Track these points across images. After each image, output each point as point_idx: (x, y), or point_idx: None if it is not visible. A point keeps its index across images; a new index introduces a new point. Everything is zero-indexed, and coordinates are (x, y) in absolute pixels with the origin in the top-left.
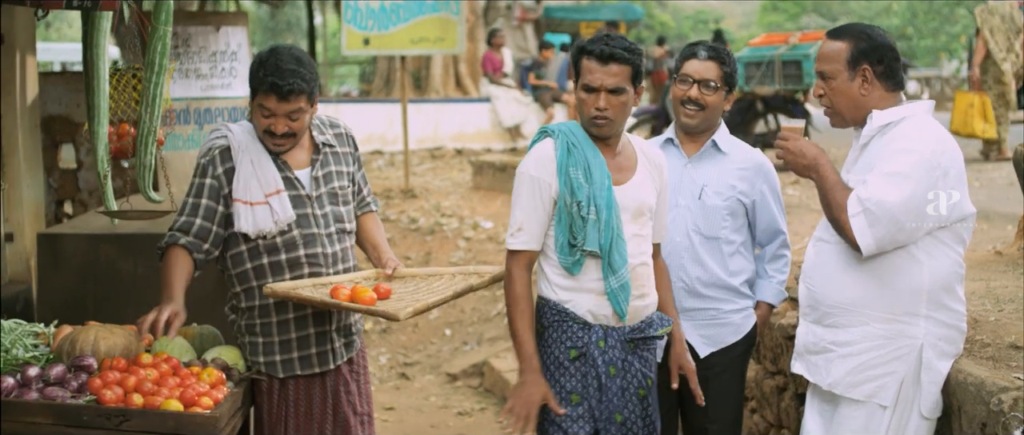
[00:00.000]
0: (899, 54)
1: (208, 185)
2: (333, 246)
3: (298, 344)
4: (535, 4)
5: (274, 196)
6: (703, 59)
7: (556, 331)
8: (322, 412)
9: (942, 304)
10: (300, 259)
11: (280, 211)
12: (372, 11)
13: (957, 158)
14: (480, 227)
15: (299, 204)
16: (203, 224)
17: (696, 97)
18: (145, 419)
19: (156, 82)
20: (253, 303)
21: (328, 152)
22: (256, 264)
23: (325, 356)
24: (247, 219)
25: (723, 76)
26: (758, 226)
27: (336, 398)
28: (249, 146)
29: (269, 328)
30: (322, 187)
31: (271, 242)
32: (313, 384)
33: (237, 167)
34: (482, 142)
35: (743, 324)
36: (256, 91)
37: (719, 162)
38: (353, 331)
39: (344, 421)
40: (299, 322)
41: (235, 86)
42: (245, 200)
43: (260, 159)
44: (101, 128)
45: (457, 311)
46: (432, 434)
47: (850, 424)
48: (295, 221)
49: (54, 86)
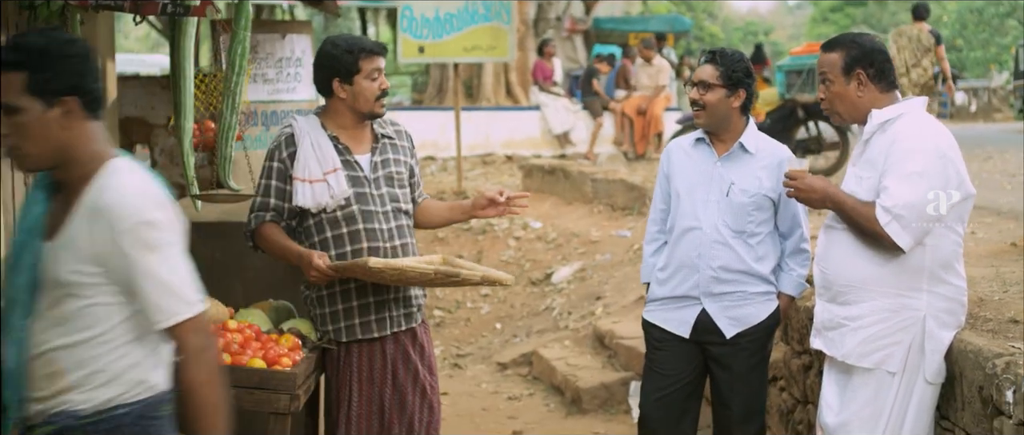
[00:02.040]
0: (889, 57)
1: (275, 168)
2: (389, 222)
3: (359, 311)
4: (585, 16)
5: (331, 174)
6: (701, 63)
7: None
8: (382, 377)
9: (942, 279)
10: (359, 232)
11: (336, 187)
12: (427, 20)
13: (954, 144)
14: (529, 227)
15: (357, 184)
16: (277, 202)
17: (695, 97)
18: (234, 375)
19: (236, 82)
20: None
21: (387, 142)
22: (322, 237)
23: (383, 322)
24: (306, 195)
25: (720, 75)
26: (781, 219)
27: (395, 366)
28: (311, 131)
29: (334, 297)
30: (380, 171)
31: (333, 216)
32: (374, 351)
33: (298, 149)
34: (532, 148)
35: (766, 307)
36: (356, 63)
37: (746, 162)
38: (413, 304)
39: (402, 387)
40: (360, 291)
41: (299, 90)
42: (304, 178)
43: (320, 142)
44: (186, 123)
45: (507, 306)
46: (483, 415)
47: (862, 390)
48: (354, 198)
49: (131, 89)
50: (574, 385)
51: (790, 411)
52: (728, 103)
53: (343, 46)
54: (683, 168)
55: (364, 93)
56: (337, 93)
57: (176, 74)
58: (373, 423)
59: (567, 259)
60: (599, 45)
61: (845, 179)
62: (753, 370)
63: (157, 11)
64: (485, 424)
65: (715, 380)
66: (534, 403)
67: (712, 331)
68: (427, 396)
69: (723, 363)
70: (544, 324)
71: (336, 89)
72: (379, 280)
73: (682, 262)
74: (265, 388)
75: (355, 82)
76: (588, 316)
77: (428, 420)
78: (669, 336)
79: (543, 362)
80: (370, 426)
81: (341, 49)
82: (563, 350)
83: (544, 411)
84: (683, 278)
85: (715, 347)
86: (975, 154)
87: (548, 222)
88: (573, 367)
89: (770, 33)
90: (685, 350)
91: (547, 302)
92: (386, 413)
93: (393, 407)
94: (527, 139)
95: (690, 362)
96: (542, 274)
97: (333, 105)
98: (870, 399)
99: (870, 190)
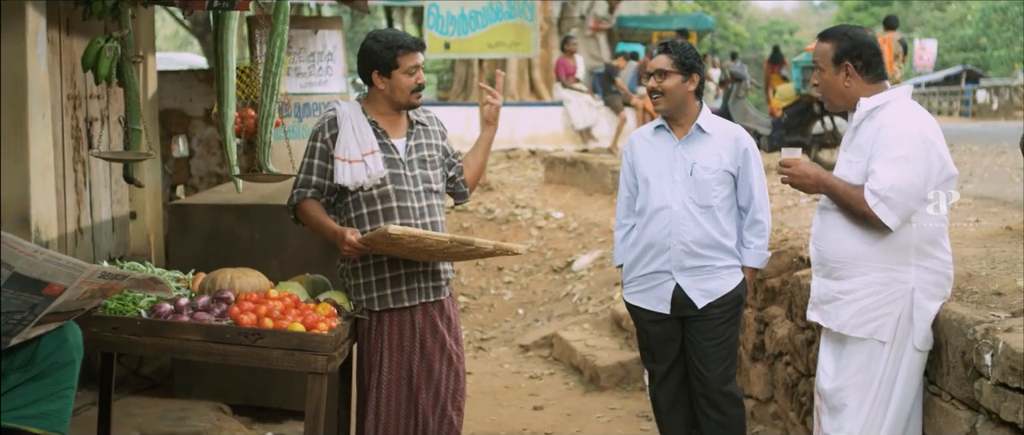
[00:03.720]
0: (878, 50)
1: (318, 148)
2: (420, 201)
3: (391, 282)
4: (608, 14)
5: (369, 155)
6: (657, 54)
7: None
8: (411, 345)
9: (929, 254)
10: (392, 209)
11: (373, 167)
12: (453, 17)
13: (937, 130)
14: (551, 217)
15: (392, 165)
16: (318, 179)
17: (653, 86)
18: (275, 338)
19: (275, 73)
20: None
21: (421, 128)
22: (358, 213)
23: (413, 293)
24: (345, 173)
25: (674, 62)
26: (741, 191)
27: (423, 335)
28: (352, 115)
29: (368, 270)
30: (414, 154)
31: (369, 194)
32: (404, 320)
33: (340, 132)
34: (555, 144)
35: (733, 279)
36: (395, 58)
37: (705, 142)
38: (441, 279)
39: (430, 355)
40: (391, 264)
41: (330, 83)
42: (344, 158)
43: (360, 125)
44: (229, 111)
45: (529, 293)
46: (506, 392)
47: (856, 358)
48: (388, 178)
49: (170, 83)
50: (592, 364)
51: (795, 384)
52: (684, 88)
53: (383, 41)
54: (646, 155)
55: (401, 86)
56: (376, 84)
57: (219, 65)
58: (402, 388)
59: (587, 247)
60: (622, 43)
61: (837, 163)
62: (726, 337)
63: (205, 6)
64: (507, 400)
65: (693, 348)
66: (554, 382)
67: (687, 305)
68: (453, 365)
69: (698, 331)
70: (565, 309)
71: (375, 81)
72: (400, 251)
73: (652, 241)
74: (304, 350)
75: (393, 76)
76: (607, 301)
77: (454, 387)
78: (652, 315)
79: (563, 343)
80: (399, 390)
81: (381, 44)
82: (582, 332)
83: (563, 389)
84: (654, 255)
85: (691, 318)
86: (990, 149)
87: (569, 212)
88: (591, 348)
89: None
90: (668, 328)
91: (568, 288)
92: (414, 379)
93: (421, 373)
94: (550, 134)
95: (676, 338)
96: (563, 262)
97: (373, 94)
98: (863, 366)
99: (859, 174)
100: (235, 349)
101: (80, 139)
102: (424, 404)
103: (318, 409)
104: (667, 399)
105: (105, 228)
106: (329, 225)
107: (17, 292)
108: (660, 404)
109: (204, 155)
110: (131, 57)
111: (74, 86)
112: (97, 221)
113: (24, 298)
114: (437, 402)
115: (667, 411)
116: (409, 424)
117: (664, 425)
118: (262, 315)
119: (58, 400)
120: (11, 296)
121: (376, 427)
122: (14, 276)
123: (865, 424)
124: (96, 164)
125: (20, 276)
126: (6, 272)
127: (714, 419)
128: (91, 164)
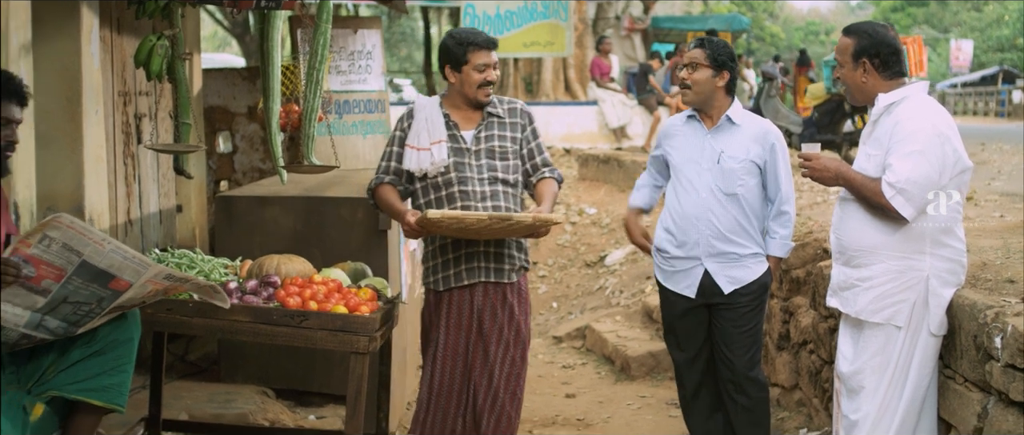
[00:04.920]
0: (897, 49)
1: (397, 137)
2: (483, 187)
3: (453, 262)
4: (643, 15)
5: (436, 144)
6: (693, 48)
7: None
8: (468, 324)
9: (943, 243)
10: (455, 194)
11: (437, 155)
12: (489, 17)
13: (952, 124)
14: (585, 213)
15: (458, 154)
16: (396, 165)
17: (684, 77)
18: (320, 319)
19: (318, 69)
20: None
21: (494, 120)
22: (426, 198)
23: (472, 271)
24: (412, 160)
25: (707, 57)
26: (768, 182)
27: (481, 316)
28: (428, 108)
29: (435, 253)
30: (482, 145)
31: (434, 180)
32: (463, 298)
33: (414, 121)
34: (589, 142)
35: (758, 267)
36: (466, 53)
37: (734, 133)
38: (504, 262)
39: (487, 336)
40: (454, 245)
41: (370, 81)
42: (414, 146)
43: (433, 117)
44: (274, 105)
45: (563, 287)
46: (540, 381)
47: (873, 342)
48: (453, 166)
49: (214, 80)
50: (623, 354)
51: (818, 371)
52: (713, 82)
53: (457, 38)
54: (677, 143)
55: (469, 81)
56: (449, 78)
57: (264, 62)
58: (458, 363)
59: (620, 243)
60: (657, 44)
61: (857, 156)
62: (752, 323)
63: (252, 5)
64: (541, 388)
65: (720, 334)
66: (586, 371)
67: (715, 292)
68: (510, 351)
69: (725, 318)
70: (597, 302)
71: (448, 75)
72: (450, 231)
73: (682, 225)
74: (347, 330)
75: (463, 71)
76: (638, 294)
77: (509, 372)
78: (679, 298)
79: (595, 335)
80: (454, 365)
81: (455, 41)
82: (614, 324)
83: (595, 378)
84: (684, 239)
85: (718, 305)
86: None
87: (602, 208)
88: (623, 338)
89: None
90: (696, 314)
91: (600, 282)
92: (469, 355)
93: (476, 352)
94: (585, 133)
95: (702, 324)
96: (596, 257)
97: (449, 88)
98: (879, 349)
99: (878, 167)
100: (282, 330)
101: (130, 134)
102: (475, 380)
103: (360, 387)
104: (692, 385)
105: (153, 220)
106: (396, 207)
107: (86, 283)
108: (686, 389)
109: (247, 151)
110: (181, 54)
111: (124, 83)
112: (146, 213)
113: (93, 290)
114: (491, 384)
115: (692, 397)
116: (461, 399)
117: (689, 410)
118: (307, 298)
119: (118, 374)
120: (80, 286)
121: (429, 396)
122: (83, 264)
123: (881, 405)
124: (145, 159)
125: (88, 265)
126: (75, 259)
127: (740, 403)
128: (140, 158)
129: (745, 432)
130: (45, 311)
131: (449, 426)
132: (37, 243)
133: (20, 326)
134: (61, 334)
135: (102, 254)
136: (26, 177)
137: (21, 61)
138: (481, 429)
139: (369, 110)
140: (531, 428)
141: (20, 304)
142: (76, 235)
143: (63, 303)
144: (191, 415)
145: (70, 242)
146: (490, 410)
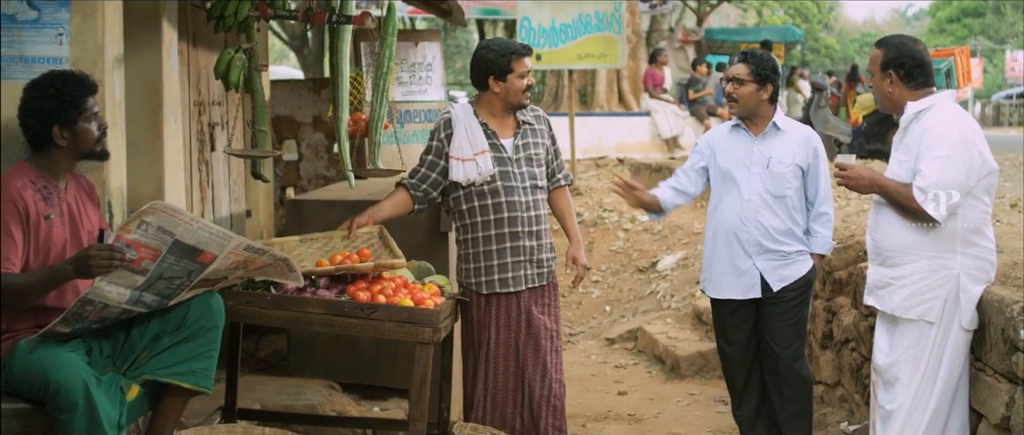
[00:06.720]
0: (922, 61)
1: (434, 146)
2: (527, 196)
3: (498, 269)
4: (697, 27)
5: (480, 154)
6: (736, 63)
7: None
8: (517, 324)
9: (973, 242)
10: (501, 204)
11: (482, 165)
12: (544, 30)
13: (978, 129)
14: (637, 221)
15: (502, 163)
16: (426, 172)
17: (730, 91)
18: (388, 311)
19: (385, 80)
20: (467, 236)
21: (528, 128)
22: (469, 206)
23: (518, 279)
24: (459, 171)
25: (751, 72)
26: (810, 185)
27: (529, 315)
28: (465, 118)
29: (478, 256)
30: (521, 153)
31: (480, 189)
32: (511, 302)
33: (454, 133)
34: (642, 152)
35: (803, 265)
36: (509, 62)
37: (780, 138)
38: (544, 266)
39: (536, 333)
40: (500, 252)
41: (430, 92)
42: (458, 157)
43: (472, 127)
44: (343, 114)
45: (615, 292)
46: (593, 380)
47: (907, 337)
48: (498, 175)
49: (280, 91)
50: (674, 354)
51: (859, 368)
52: (758, 96)
53: (497, 49)
54: (725, 149)
55: (514, 88)
56: (492, 88)
57: (334, 74)
58: (510, 362)
59: (672, 249)
60: (710, 55)
61: (889, 163)
62: (797, 318)
63: (324, 20)
64: (594, 386)
65: (766, 328)
66: (638, 371)
67: (764, 289)
68: (554, 343)
69: (772, 313)
70: (649, 305)
71: (491, 85)
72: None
73: (731, 229)
74: (413, 322)
75: (508, 79)
76: (689, 297)
77: (556, 362)
78: (735, 303)
79: (647, 336)
80: (507, 364)
81: (495, 52)
82: (665, 326)
83: (646, 377)
84: (732, 242)
85: (765, 301)
86: None
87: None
88: (673, 339)
89: None
90: (746, 309)
91: (652, 287)
92: (520, 354)
93: (528, 349)
94: (638, 143)
95: (750, 319)
96: (648, 262)
97: (486, 97)
98: (913, 343)
99: (909, 171)
100: (352, 321)
101: (204, 142)
102: (530, 376)
103: (425, 377)
104: (741, 379)
105: (224, 224)
106: (377, 207)
107: (178, 259)
108: (735, 383)
109: (312, 159)
110: (257, 66)
111: (199, 93)
112: (218, 216)
113: (184, 265)
114: (545, 375)
115: (740, 391)
116: (517, 396)
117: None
118: (376, 293)
119: (205, 359)
120: (173, 263)
121: (485, 396)
122: (175, 243)
123: (915, 396)
124: (217, 165)
125: (180, 243)
126: (168, 239)
127: (785, 394)
128: (213, 165)
129: (789, 425)
130: (143, 288)
131: (508, 424)
132: (136, 229)
133: (123, 303)
134: (155, 307)
135: (192, 232)
136: (118, 179)
137: (115, 72)
138: (540, 425)
139: (429, 119)
140: (584, 422)
141: (123, 284)
142: (169, 217)
143: (159, 280)
144: (263, 405)
145: (164, 225)
146: (547, 403)
